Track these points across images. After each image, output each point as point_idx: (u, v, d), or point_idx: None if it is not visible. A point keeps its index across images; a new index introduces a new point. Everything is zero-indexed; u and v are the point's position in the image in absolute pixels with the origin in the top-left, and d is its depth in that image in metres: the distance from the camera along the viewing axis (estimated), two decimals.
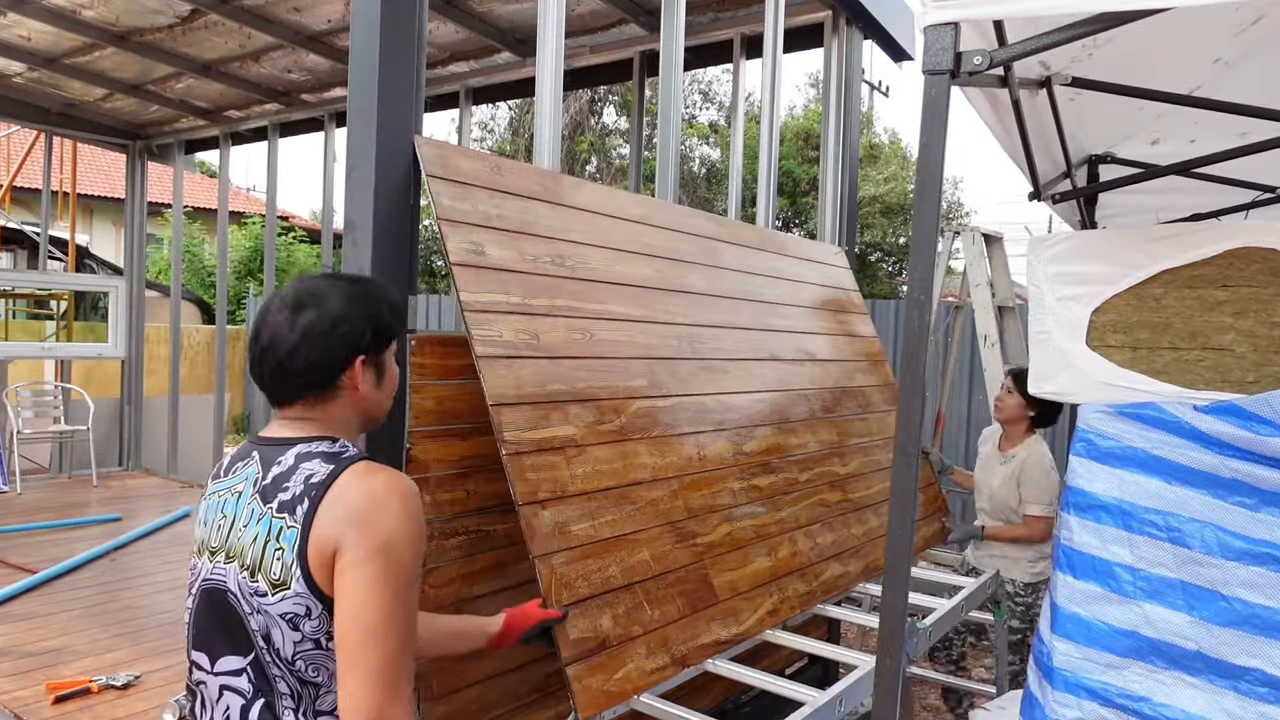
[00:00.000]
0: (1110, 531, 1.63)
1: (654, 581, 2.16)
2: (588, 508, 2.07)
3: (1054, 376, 1.98)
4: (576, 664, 1.87)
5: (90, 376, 9.15)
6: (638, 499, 2.22)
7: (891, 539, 1.59)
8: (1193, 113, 2.53)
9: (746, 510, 2.61)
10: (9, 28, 5.05)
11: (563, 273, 2.29)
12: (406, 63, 2.00)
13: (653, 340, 2.55)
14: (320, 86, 5.92)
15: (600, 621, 1.96)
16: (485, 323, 2.01)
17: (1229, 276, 1.81)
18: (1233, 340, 1.80)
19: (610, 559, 2.06)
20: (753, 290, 3.17)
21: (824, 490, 3.05)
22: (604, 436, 2.21)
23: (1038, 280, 2.04)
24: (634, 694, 1.95)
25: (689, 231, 2.94)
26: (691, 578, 2.27)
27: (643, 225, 2.72)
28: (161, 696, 3.12)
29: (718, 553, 2.41)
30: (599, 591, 1.99)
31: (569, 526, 2.00)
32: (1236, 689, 1.50)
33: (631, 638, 2.02)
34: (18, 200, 13.72)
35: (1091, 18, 1.47)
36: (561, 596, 1.90)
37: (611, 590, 2.03)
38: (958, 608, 2.57)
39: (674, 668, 2.09)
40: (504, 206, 2.20)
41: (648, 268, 2.66)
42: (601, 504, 2.11)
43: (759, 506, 2.67)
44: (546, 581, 1.89)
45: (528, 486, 1.94)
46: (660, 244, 2.76)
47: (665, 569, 2.20)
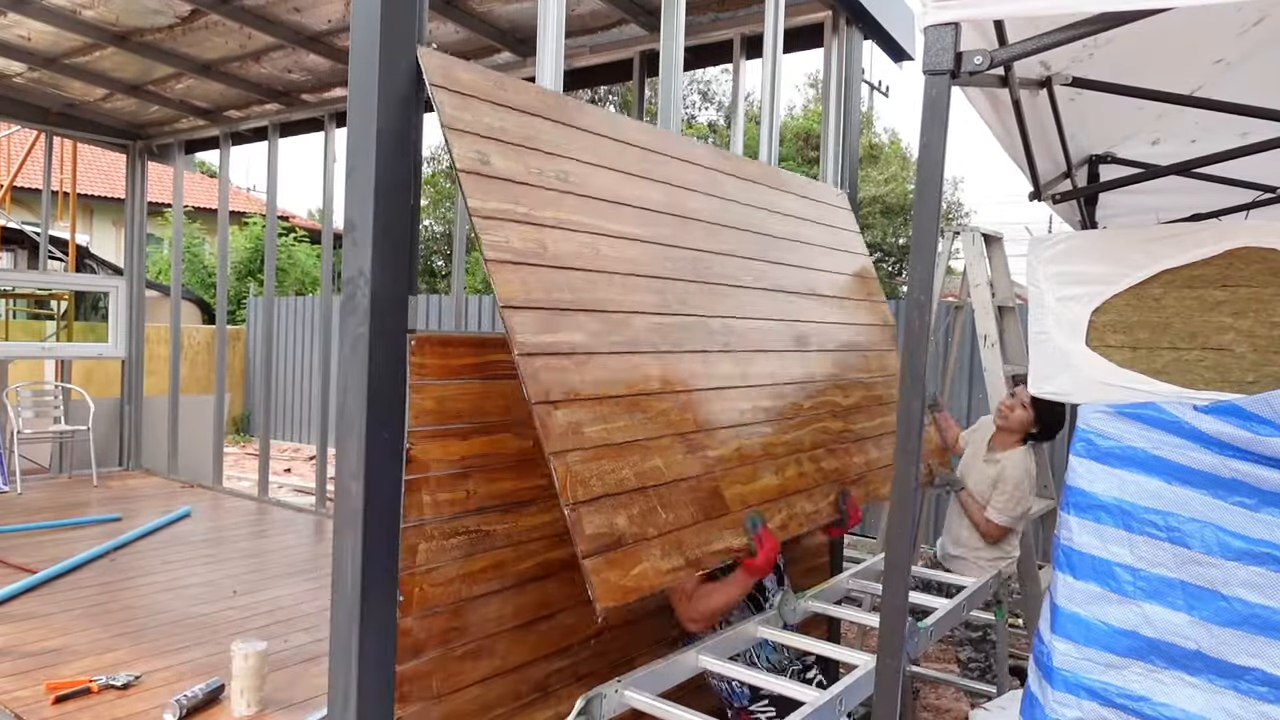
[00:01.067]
0: (1110, 531, 1.63)
1: (667, 487, 2.20)
2: (599, 412, 2.10)
3: (1054, 376, 1.98)
4: (593, 558, 1.90)
5: (90, 376, 9.14)
6: (648, 408, 2.25)
7: (891, 539, 1.59)
8: (1193, 113, 2.53)
9: (754, 429, 2.65)
10: (9, 28, 5.05)
11: (568, 189, 2.31)
12: (407, 63, 2.00)
13: (659, 261, 2.58)
14: (320, 86, 5.91)
15: (615, 520, 2.00)
16: (493, 229, 2.03)
17: (1229, 276, 1.81)
18: (1232, 340, 1.80)
19: (623, 462, 2.10)
20: (757, 223, 3.20)
21: (826, 418, 3.09)
22: (612, 347, 2.24)
23: (1038, 280, 2.04)
24: (650, 590, 1.99)
25: (694, 162, 2.95)
26: (703, 487, 2.31)
27: (649, 151, 2.72)
28: (162, 696, 3.12)
29: (728, 466, 2.45)
30: (613, 492, 2.03)
31: (582, 428, 2.03)
32: (1236, 688, 1.50)
33: (646, 538, 2.06)
34: (18, 200, 13.72)
35: (1092, 18, 1.47)
36: (577, 493, 1.93)
37: (625, 492, 2.06)
38: (959, 608, 2.57)
39: (689, 569, 2.13)
40: (507, 120, 2.20)
41: (655, 192, 2.67)
42: (613, 410, 2.14)
43: (766, 426, 2.71)
44: (562, 479, 1.92)
45: (540, 387, 1.97)
46: (666, 172, 2.76)
47: (677, 477, 2.24)
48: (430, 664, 2.13)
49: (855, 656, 2.23)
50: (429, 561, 2.11)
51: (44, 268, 7.91)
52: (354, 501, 1.96)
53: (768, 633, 2.38)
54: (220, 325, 7.18)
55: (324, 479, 6.47)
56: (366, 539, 1.96)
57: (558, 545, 2.47)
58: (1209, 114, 2.45)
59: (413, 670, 2.08)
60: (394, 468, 2.00)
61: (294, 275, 16.86)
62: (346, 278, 1.99)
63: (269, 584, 4.56)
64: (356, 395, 1.96)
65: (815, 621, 2.97)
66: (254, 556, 5.13)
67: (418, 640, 2.08)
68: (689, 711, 1.89)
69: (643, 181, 2.63)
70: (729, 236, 2.99)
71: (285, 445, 12.76)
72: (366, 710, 1.98)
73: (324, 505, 6.39)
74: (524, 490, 2.35)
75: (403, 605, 2.05)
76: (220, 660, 3.39)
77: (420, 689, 2.10)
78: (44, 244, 7.77)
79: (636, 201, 2.57)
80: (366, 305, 1.95)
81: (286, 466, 10.96)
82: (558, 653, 2.50)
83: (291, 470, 10.77)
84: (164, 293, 11.57)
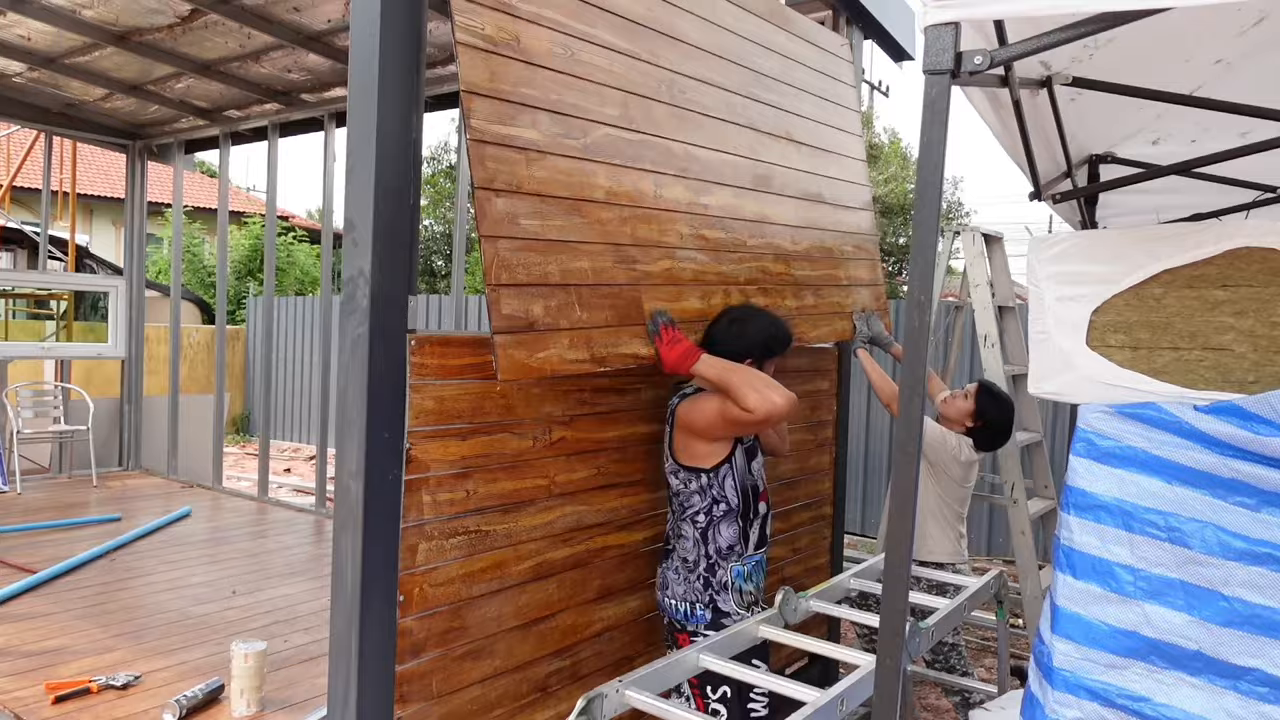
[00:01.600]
0: (1110, 531, 1.63)
1: (589, 289, 2.31)
2: (539, 208, 2.20)
3: (1054, 376, 1.98)
4: (504, 335, 2.03)
5: (90, 376, 9.14)
6: (588, 214, 2.34)
7: (891, 538, 1.59)
8: (1193, 112, 2.53)
9: (690, 254, 2.73)
10: (9, 27, 5.05)
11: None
12: (407, 63, 2.00)
13: (633, 75, 2.61)
14: (320, 86, 5.91)
15: (532, 307, 2.13)
16: (469, 11, 2.07)
17: (1229, 276, 1.81)
18: (1233, 340, 1.80)
19: (551, 258, 2.20)
20: (745, 55, 3.20)
21: (768, 260, 3.15)
22: (566, 149, 2.31)
23: (1038, 280, 2.03)
24: (551, 373, 2.15)
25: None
26: (624, 296, 2.42)
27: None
28: (162, 696, 3.12)
29: (654, 282, 2.55)
30: (536, 282, 2.14)
31: (518, 218, 2.13)
32: (1237, 689, 1.50)
33: (558, 328, 2.18)
34: (18, 200, 13.73)
35: (1092, 18, 1.47)
36: (500, 277, 2.04)
37: (548, 285, 2.17)
38: (959, 608, 2.57)
39: (592, 364, 2.27)
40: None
41: (638, 3, 2.68)
42: (553, 208, 2.24)
43: (704, 255, 2.79)
44: (488, 261, 2.03)
45: (485, 174, 2.05)
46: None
47: (601, 282, 2.35)
48: (430, 664, 2.13)
49: (855, 656, 2.23)
50: (429, 561, 2.11)
51: (44, 268, 7.91)
52: (354, 501, 1.96)
53: (768, 632, 2.38)
54: (220, 325, 7.18)
55: (324, 479, 6.47)
56: (366, 539, 1.96)
57: (558, 545, 2.47)
58: (1209, 114, 2.45)
59: (413, 670, 2.08)
60: (394, 468, 2.00)
61: (294, 275, 16.87)
62: (346, 278, 1.99)
63: (269, 584, 4.56)
64: (356, 395, 1.96)
65: (815, 621, 2.97)
66: (254, 556, 5.13)
67: (418, 640, 2.08)
68: (689, 711, 1.89)
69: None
70: (712, 64, 3.01)
71: (285, 445, 12.76)
72: (366, 710, 1.98)
73: (324, 505, 6.38)
74: (524, 490, 2.35)
75: (403, 605, 2.05)
76: (220, 660, 3.39)
77: (420, 689, 2.10)
78: (44, 244, 7.77)
79: (620, 10, 2.59)
80: (366, 305, 1.95)
81: (286, 466, 10.96)
82: (558, 653, 2.50)
83: (291, 470, 10.77)
84: (164, 292, 11.57)
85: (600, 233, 2.37)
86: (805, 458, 3.82)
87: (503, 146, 2.10)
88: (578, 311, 2.24)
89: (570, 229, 2.27)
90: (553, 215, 2.22)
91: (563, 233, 2.24)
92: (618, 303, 2.38)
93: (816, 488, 3.95)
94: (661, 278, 2.58)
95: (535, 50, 2.25)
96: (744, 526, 2.57)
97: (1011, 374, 4.31)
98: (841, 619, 2.76)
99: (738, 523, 2.55)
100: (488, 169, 2.05)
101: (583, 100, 2.39)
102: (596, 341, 2.28)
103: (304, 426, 12.89)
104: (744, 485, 2.57)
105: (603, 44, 2.50)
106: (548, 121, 2.26)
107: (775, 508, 3.61)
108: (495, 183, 2.06)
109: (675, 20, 2.83)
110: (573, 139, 2.33)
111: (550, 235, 2.21)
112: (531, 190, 2.17)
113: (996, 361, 4.25)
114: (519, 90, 2.18)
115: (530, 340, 2.09)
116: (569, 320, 2.22)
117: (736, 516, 2.55)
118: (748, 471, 2.60)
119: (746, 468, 2.60)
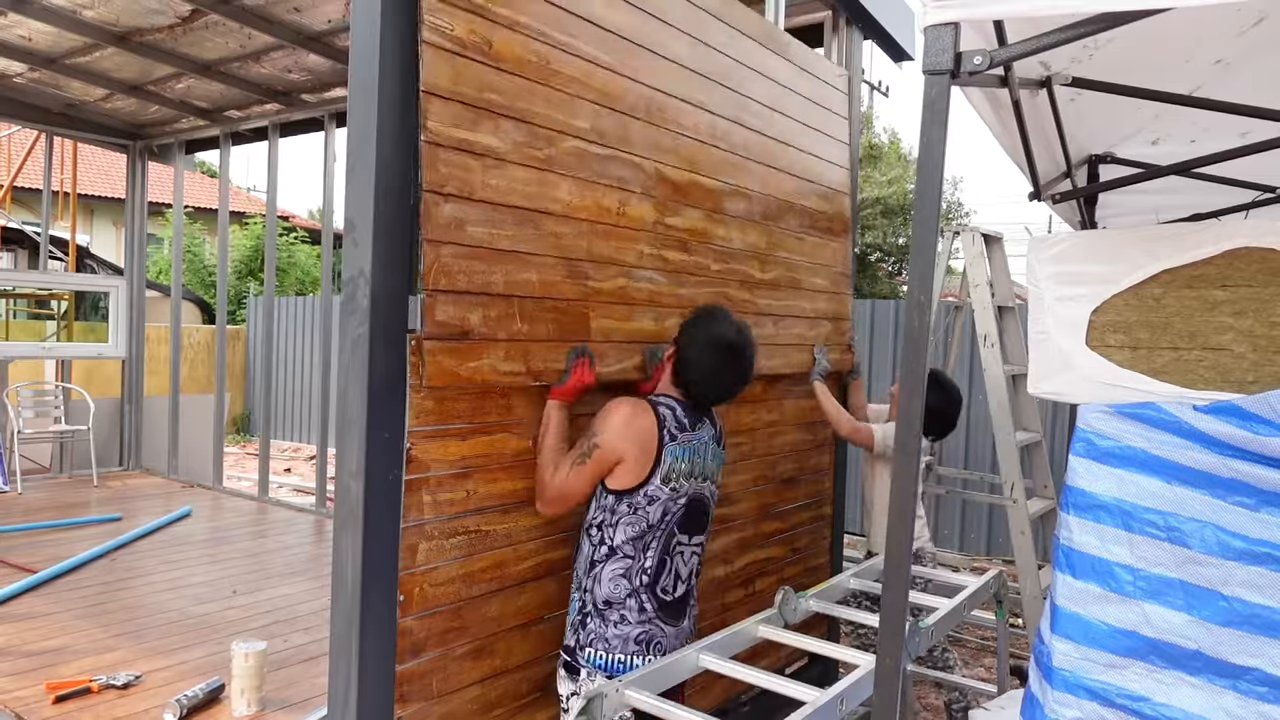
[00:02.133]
0: (1110, 531, 1.63)
1: (533, 302, 2.29)
2: (491, 216, 2.17)
3: (1054, 376, 1.98)
4: (434, 341, 2.02)
5: (91, 376, 9.15)
6: (543, 227, 2.32)
7: (891, 538, 1.59)
8: (1193, 113, 2.53)
9: (648, 275, 2.71)
10: (9, 28, 5.06)
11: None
12: (407, 63, 2.00)
13: (610, 89, 2.57)
14: (320, 86, 5.91)
15: (469, 315, 2.11)
16: (440, 12, 2.05)
17: (1228, 276, 1.81)
18: (1232, 340, 1.80)
19: (497, 267, 2.18)
20: (735, 79, 3.17)
21: (732, 286, 3.14)
22: (528, 159, 2.29)
23: (1037, 280, 2.04)
24: (482, 383, 2.14)
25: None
26: (571, 311, 2.40)
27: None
28: (162, 696, 3.13)
29: (605, 300, 2.53)
30: (476, 290, 2.12)
31: (466, 225, 2.11)
32: (1236, 688, 1.50)
33: (495, 339, 2.17)
34: (18, 200, 13.73)
35: (1092, 18, 1.47)
36: (438, 282, 2.02)
37: (489, 294, 2.16)
38: (959, 607, 2.57)
39: (527, 376, 2.26)
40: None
41: (627, 16, 2.64)
42: (506, 217, 2.21)
43: (662, 276, 2.77)
44: (428, 265, 2.01)
45: (436, 177, 2.04)
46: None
47: (547, 295, 2.33)
48: (430, 664, 2.13)
49: (855, 656, 2.23)
50: (429, 561, 2.11)
51: (44, 268, 7.92)
52: (354, 501, 1.96)
53: (768, 632, 2.38)
54: (220, 325, 7.18)
55: (324, 479, 6.47)
56: (366, 539, 1.96)
57: (558, 545, 2.47)
58: (1208, 114, 2.45)
59: (413, 670, 2.08)
60: (394, 468, 2.01)
61: (294, 275, 16.87)
62: (346, 278, 1.99)
63: (269, 584, 4.56)
64: (356, 395, 1.96)
65: (815, 621, 2.98)
66: (254, 556, 5.13)
67: (418, 640, 2.08)
68: (689, 711, 1.89)
69: (616, 2, 2.60)
70: (698, 85, 2.97)
71: (285, 445, 12.76)
72: (366, 710, 1.98)
73: (324, 505, 6.39)
74: (524, 490, 2.35)
75: (403, 605, 2.05)
76: (220, 660, 3.40)
77: (420, 689, 2.10)
78: (44, 244, 7.77)
79: (605, 23, 2.55)
80: (366, 305, 1.95)
81: (286, 466, 10.96)
82: (558, 653, 2.50)
83: (291, 470, 10.77)
84: (164, 293, 11.57)
85: (554, 245, 2.35)
86: (805, 458, 3.82)
87: (458, 151, 2.09)
88: (518, 323, 2.23)
89: (522, 239, 2.26)
90: (504, 224, 2.21)
91: (514, 243, 2.23)
92: (563, 318, 2.37)
93: (816, 488, 3.95)
94: (614, 296, 2.56)
95: (507, 56, 2.22)
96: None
97: (1011, 374, 4.31)
98: (841, 619, 2.76)
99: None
100: (439, 172, 2.04)
101: (553, 110, 2.36)
102: (535, 354, 2.28)
103: (304, 426, 12.90)
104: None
105: (582, 55, 2.46)
106: (511, 129, 2.23)
107: (775, 507, 3.62)
108: (445, 187, 2.05)
109: (665, 39, 2.80)
110: (536, 149, 2.30)
111: (500, 245, 2.19)
112: (484, 198, 2.15)
113: (996, 361, 4.26)
114: (483, 95, 2.15)
115: (463, 349, 2.09)
116: (507, 331, 2.21)
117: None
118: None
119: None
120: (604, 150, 2.54)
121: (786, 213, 3.49)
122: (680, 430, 2.30)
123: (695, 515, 2.36)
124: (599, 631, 2.23)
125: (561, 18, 2.40)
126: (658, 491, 2.24)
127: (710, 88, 3.02)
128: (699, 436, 2.36)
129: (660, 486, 2.25)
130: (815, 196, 3.71)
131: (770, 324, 3.35)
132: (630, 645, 2.22)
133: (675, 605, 2.32)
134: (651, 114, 2.74)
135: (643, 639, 2.24)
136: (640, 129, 2.69)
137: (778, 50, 3.46)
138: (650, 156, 2.73)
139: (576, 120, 2.45)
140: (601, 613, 2.23)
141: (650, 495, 2.24)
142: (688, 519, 2.33)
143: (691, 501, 2.33)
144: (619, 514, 2.24)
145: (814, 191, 3.70)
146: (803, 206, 3.61)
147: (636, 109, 2.67)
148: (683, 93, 2.88)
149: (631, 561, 2.24)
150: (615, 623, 2.22)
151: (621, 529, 2.24)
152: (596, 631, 2.23)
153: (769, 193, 3.36)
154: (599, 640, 2.22)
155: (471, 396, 2.21)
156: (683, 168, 2.88)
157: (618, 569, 2.24)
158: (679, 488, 2.28)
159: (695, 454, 2.34)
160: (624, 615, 2.22)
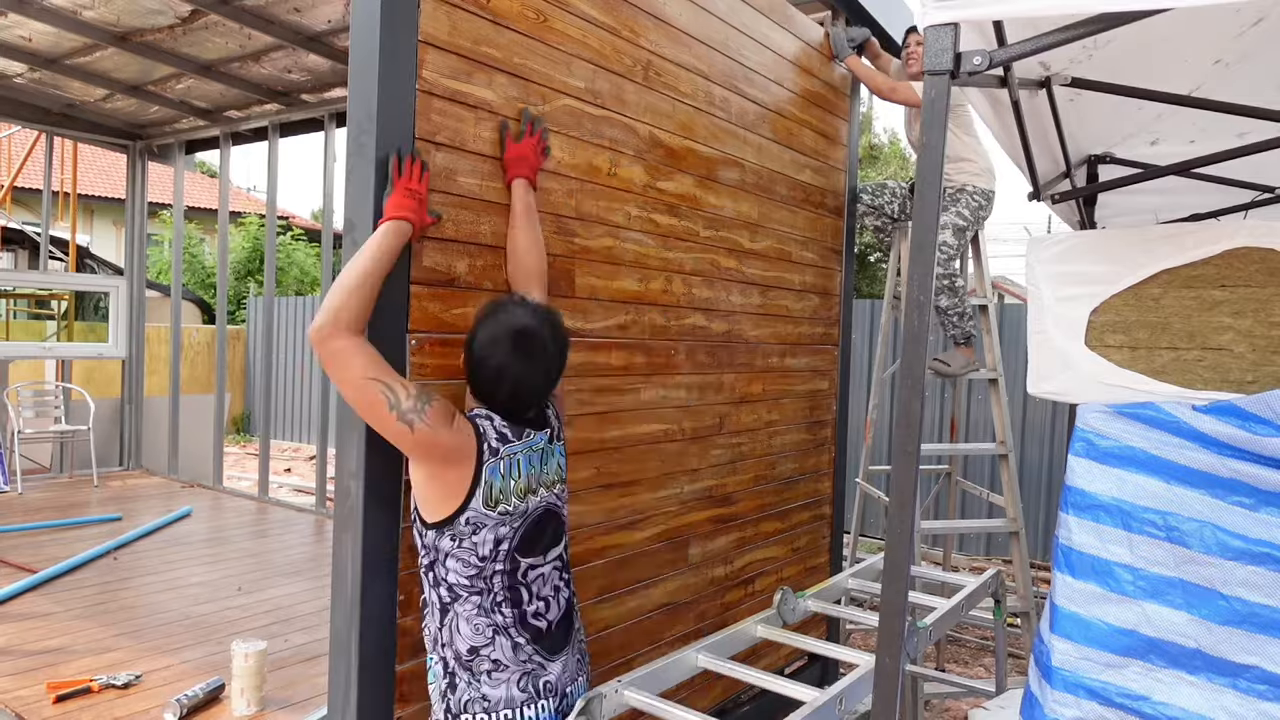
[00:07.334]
0: (1109, 531, 1.63)
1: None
2: (480, 168, 2.21)
3: (1053, 376, 1.99)
4: (421, 285, 2.07)
5: (91, 376, 9.15)
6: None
7: (891, 539, 1.59)
8: (1192, 113, 2.53)
9: (635, 236, 2.74)
10: (9, 28, 5.06)
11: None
12: (407, 63, 2.00)
13: (607, 50, 2.61)
14: (320, 86, 5.91)
15: (456, 264, 2.16)
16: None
17: (1227, 276, 1.81)
18: (1231, 340, 1.80)
19: (484, 218, 2.22)
20: (734, 46, 3.20)
21: (720, 253, 3.17)
22: (520, 115, 2.31)
23: (1037, 280, 2.04)
24: (462, 329, 2.10)
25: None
26: (556, 266, 2.44)
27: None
28: (162, 696, 3.13)
29: (591, 258, 2.57)
30: (464, 239, 2.17)
31: (456, 176, 2.14)
32: (1236, 687, 1.50)
33: (480, 288, 2.21)
34: (19, 200, 13.73)
35: (1091, 18, 1.48)
36: (427, 230, 2.05)
37: (476, 243, 2.20)
38: (958, 607, 2.57)
39: None
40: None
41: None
42: (495, 170, 2.25)
43: (649, 239, 2.80)
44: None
45: (430, 127, 2.08)
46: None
47: None
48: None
49: (855, 656, 2.23)
50: None
51: (44, 268, 7.91)
52: (354, 501, 1.97)
53: (767, 632, 2.38)
54: (220, 325, 7.18)
55: (324, 479, 6.47)
56: (366, 539, 1.96)
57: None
58: (1208, 114, 2.45)
59: (413, 670, 2.08)
60: (394, 468, 2.01)
61: (293, 275, 16.87)
62: None
63: (269, 583, 4.56)
64: None
65: (815, 620, 2.98)
66: (254, 556, 5.13)
67: (418, 640, 2.08)
68: (689, 711, 1.89)
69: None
70: (697, 50, 3.00)
71: (285, 445, 12.76)
72: (366, 710, 1.98)
73: (324, 505, 6.39)
74: None
75: (403, 605, 2.05)
76: (220, 660, 3.40)
77: (420, 689, 2.10)
78: (44, 244, 7.77)
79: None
80: None
81: (286, 466, 10.96)
82: None
83: (291, 470, 10.77)
84: (164, 293, 11.58)
85: (543, 201, 2.40)
86: (805, 457, 3.83)
87: (452, 102, 2.13)
88: (503, 272, 2.27)
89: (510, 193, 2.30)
90: (494, 177, 2.25)
91: (501, 195, 2.27)
92: (549, 273, 2.40)
93: (816, 487, 3.95)
94: (599, 255, 2.61)
95: (504, 10, 2.26)
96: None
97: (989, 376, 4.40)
98: (840, 619, 2.76)
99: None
100: (432, 122, 2.07)
101: (548, 68, 2.40)
102: None
103: (304, 426, 12.90)
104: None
105: (580, 14, 2.51)
106: (506, 83, 2.27)
107: (774, 507, 3.62)
108: (437, 137, 2.10)
109: (665, 2, 2.83)
110: (530, 104, 2.35)
111: (488, 196, 2.23)
112: (474, 150, 2.19)
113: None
114: (479, 48, 2.19)
115: (447, 295, 2.13)
116: (493, 281, 2.25)
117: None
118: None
119: None
120: (598, 110, 2.58)
121: (781, 184, 3.52)
122: (503, 443, 1.90)
123: (541, 530, 1.98)
124: (473, 693, 1.85)
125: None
126: (482, 517, 1.85)
127: (710, 55, 3.06)
128: (531, 443, 1.96)
129: (485, 512, 1.85)
130: (810, 170, 3.74)
131: (758, 293, 3.40)
132: (517, 703, 1.85)
133: (555, 634, 1.95)
134: (649, 77, 2.77)
135: (528, 687, 1.87)
136: (636, 91, 2.72)
137: (781, 22, 3.49)
138: (644, 120, 2.77)
139: (572, 79, 2.48)
140: (469, 665, 1.85)
141: (474, 522, 1.85)
142: (529, 541, 1.94)
143: (533, 520, 1.95)
144: (443, 550, 1.86)
145: (809, 165, 3.73)
146: (797, 180, 3.64)
147: (633, 71, 2.71)
148: (681, 58, 2.92)
149: (481, 596, 1.87)
150: (488, 673, 1.85)
151: (453, 569, 1.86)
152: (470, 694, 1.84)
153: (763, 163, 3.39)
154: (476, 704, 1.84)
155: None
156: (677, 133, 2.91)
157: (470, 608, 1.86)
158: (511, 509, 1.89)
159: (530, 464, 1.95)
160: (497, 661, 1.85)
